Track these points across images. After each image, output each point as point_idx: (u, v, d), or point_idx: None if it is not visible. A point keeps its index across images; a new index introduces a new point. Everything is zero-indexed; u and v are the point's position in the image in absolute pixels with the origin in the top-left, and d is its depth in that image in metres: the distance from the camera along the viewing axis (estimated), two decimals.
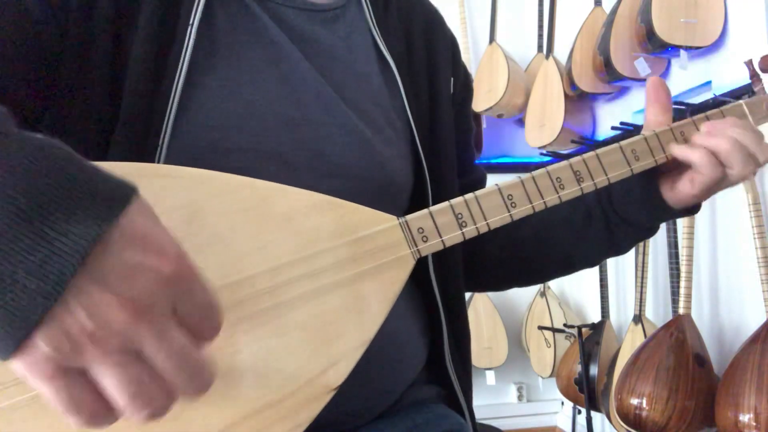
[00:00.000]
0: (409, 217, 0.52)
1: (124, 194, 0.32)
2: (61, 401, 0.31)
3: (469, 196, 0.54)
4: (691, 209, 0.66)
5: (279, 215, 0.48)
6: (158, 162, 0.54)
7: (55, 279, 0.29)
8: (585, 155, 0.59)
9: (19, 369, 0.31)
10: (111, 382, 0.31)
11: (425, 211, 0.52)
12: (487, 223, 0.54)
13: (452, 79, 0.76)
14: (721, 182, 0.61)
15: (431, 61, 0.73)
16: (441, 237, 0.52)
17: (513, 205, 0.55)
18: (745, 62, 1.58)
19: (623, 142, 0.61)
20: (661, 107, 0.65)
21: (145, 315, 0.31)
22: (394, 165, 0.65)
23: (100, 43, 0.54)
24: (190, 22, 0.56)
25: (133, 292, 0.31)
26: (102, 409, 0.32)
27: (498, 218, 0.54)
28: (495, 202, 0.54)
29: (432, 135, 0.70)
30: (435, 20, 0.78)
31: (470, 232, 0.53)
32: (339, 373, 0.47)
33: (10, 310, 0.29)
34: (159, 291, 0.32)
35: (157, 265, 0.32)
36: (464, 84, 0.80)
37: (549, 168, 0.57)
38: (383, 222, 0.51)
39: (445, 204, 0.53)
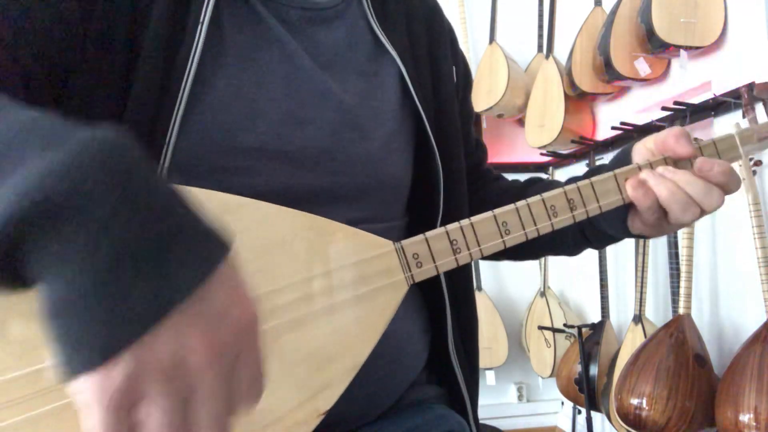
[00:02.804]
0: (405, 242, 0.52)
1: (226, 243, 0.34)
2: (100, 428, 0.31)
3: (464, 222, 0.54)
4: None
5: (276, 238, 0.48)
6: (164, 160, 0.54)
7: (162, 307, 0.31)
8: (580, 183, 0.60)
9: (81, 387, 0.31)
10: (157, 423, 0.31)
11: (421, 236, 0.53)
12: (480, 249, 0.54)
13: (454, 68, 0.77)
14: (664, 224, 0.62)
15: (433, 52, 0.74)
16: (435, 263, 0.53)
17: (507, 232, 0.55)
18: (742, 87, 1.59)
19: (617, 170, 0.61)
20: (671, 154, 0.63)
21: (214, 362, 0.32)
22: (395, 161, 0.66)
23: (118, 42, 0.54)
24: (200, 21, 0.56)
25: (215, 338, 0.32)
26: None
27: (491, 244, 0.55)
28: (490, 229, 0.55)
29: (439, 124, 0.71)
30: (434, 11, 0.79)
31: (463, 258, 0.54)
32: (329, 398, 0.47)
33: (112, 324, 0.30)
34: (234, 339, 0.33)
35: (239, 315, 0.33)
36: (464, 73, 0.82)
37: (544, 195, 0.58)
38: (379, 247, 0.51)
39: (441, 230, 0.54)
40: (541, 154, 2.61)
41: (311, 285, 0.48)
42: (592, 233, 0.71)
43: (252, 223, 0.47)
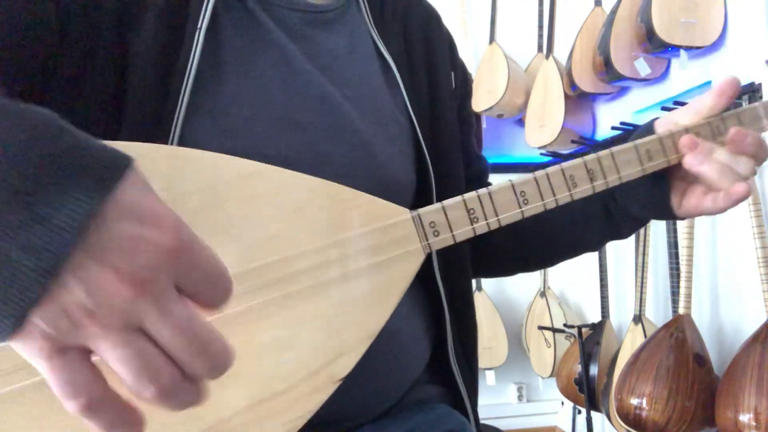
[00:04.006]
0: (421, 210, 0.52)
1: (118, 166, 0.31)
2: (58, 382, 0.30)
3: (482, 191, 0.53)
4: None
5: (293, 204, 0.48)
6: None
7: (52, 256, 0.28)
8: (600, 153, 0.58)
9: (18, 349, 0.30)
10: (113, 358, 0.30)
11: (438, 204, 0.52)
12: (498, 219, 0.53)
13: (452, 73, 0.77)
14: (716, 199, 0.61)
15: (430, 58, 0.74)
16: (452, 232, 0.52)
17: (525, 201, 0.54)
18: (766, 60, 1.58)
19: (638, 141, 0.60)
20: (714, 107, 0.62)
21: (145, 289, 0.30)
22: (397, 164, 0.66)
23: (103, 47, 0.54)
24: (198, 26, 0.56)
25: (133, 267, 0.30)
26: (102, 392, 0.31)
27: (509, 215, 0.54)
28: (507, 198, 0.54)
29: (434, 131, 0.71)
30: (432, 18, 0.79)
31: (481, 227, 0.53)
32: (345, 365, 0.47)
33: (6, 290, 0.28)
34: (159, 263, 0.30)
35: (156, 237, 0.30)
36: (463, 80, 0.81)
37: (563, 165, 0.56)
38: (396, 215, 0.51)
39: (458, 198, 0.53)
40: (541, 154, 2.61)
41: (327, 252, 0.48)
42: (622, 217, 0.69)
43: (269, 189, 0.47)
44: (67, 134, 0.31)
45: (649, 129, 0.64)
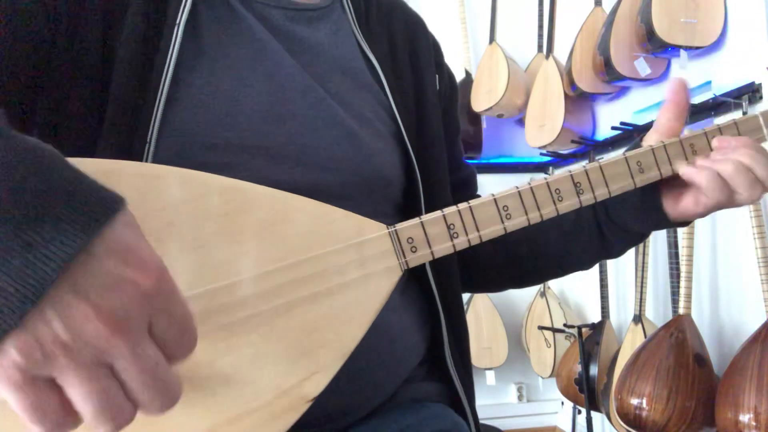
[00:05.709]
0: (399, 225, 0.51)
1: (111, 205, 0.32)
2: (26, 409, 0.30)
3: (462, 205, 0.52)
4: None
5: (264, 220, 0.47)
6: (146, 159, 0.54)
7: (35, 285, 0.29)
8: (588, 166, 0.56)
9: None
10: (78, 394, 0.31)
11: (416, 219, 0.51)
12: (479, 235, 0.52)
13: (437, 76, 0.77)
14: (726, 204, 0.60)
15: (414, 61, 0.74)
16: (431, 248, 0.51)
17: (508, 216, 0.53)
18: (767, 66, 1.58)
19: (629, 153, 0.58)
20: (677, 112, 0.62)
21: (121, 329, 0.31)
22: (383, 157, 0.66)
23: (89, 42, 0.55)
24: (177, 21, 0.57)
25: (112, 305, 0.30)
26: (66, 419, 0.31)
27: (491, 230, 0.52)
28: (489, 213, 0.52)
29: (419, 132, 0.71)
30: (416, 24, 0.79)
31: (461, 243, 0.52)
32: (316, 384, 0.46)
33: None
34: (137, 305, 0.31)
35: (137, 279, 0.31)
36: (449, 84, 0.80)
37: (549, 179, 0.55)
38: (372, 230, 0.50)
39: (438, 213, 0.52)
40: (541, 154, 2.61)
41: (300, 269, 0.47)
42: (615, 233, 0.68)
43: (241, 205, 0.46)
44: (65, 166, 0.32)
45: (637, 145, 0.63)
